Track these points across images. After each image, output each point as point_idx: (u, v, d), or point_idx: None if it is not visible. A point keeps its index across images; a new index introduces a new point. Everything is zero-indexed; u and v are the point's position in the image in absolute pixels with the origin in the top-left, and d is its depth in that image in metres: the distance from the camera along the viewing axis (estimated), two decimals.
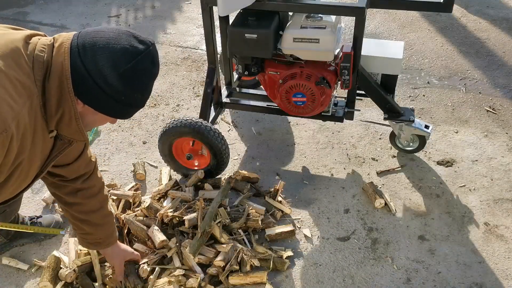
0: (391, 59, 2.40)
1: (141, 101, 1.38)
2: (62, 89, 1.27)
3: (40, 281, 2.03)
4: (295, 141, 2.90)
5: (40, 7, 4.69)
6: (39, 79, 1.26)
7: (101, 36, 1.27)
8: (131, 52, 1.28)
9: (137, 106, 1.39)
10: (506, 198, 2.47)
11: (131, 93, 1.33)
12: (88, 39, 1.27)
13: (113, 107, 1.34)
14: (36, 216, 2.32)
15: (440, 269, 2.15)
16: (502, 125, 2.96)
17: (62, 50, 1.27)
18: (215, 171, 2.52)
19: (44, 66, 1.26)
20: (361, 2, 2.17)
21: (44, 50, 1.27)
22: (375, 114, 3.05)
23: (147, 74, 1.34)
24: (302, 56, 2.34)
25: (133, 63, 1.28)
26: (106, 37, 1.27)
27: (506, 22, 4.05)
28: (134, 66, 1.28)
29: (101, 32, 1.29)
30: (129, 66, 1.27)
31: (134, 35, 1.31)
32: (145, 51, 1.30)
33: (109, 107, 1.34)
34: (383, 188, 2.54)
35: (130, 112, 1.40)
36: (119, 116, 1.39)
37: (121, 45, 1.27)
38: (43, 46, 1.28)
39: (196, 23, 4.25)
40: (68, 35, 1.31)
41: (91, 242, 1.91)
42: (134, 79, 1.30)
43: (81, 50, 1.26)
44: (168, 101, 3.27)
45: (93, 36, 1.28)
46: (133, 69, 1.28)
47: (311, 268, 2.17)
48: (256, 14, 2.30)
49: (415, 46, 3.79)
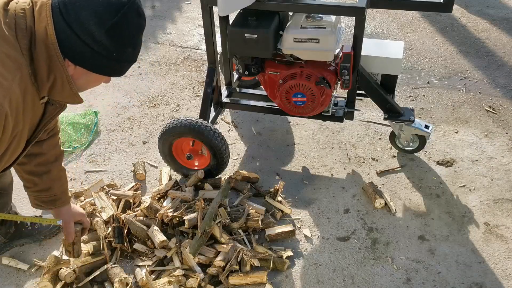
0: (391, 59, 2.40)
1: (132, 55, 1.35)
2: (50, 55, 1.24)
3: (40, 281, 2.03)
4: (295, 141, 2.90)
5: None
6: (25, 47, 1.23)
7: None
8: (115, 4, 1.23)
9: (130, 61, 1.36)
10: (506, 198, 2.47)
11: (121, 48, 1.29)
12: None
13: (105, 64, 1.31)
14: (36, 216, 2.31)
15: (440, 269, 2.15)
16: (502, 125, 2.96)
17: (43, 14, 1.23)
18: (215, 171, 2.52)
19: (28, 33, 1.23)
20: (361, 2, 2.17)
21: (24, 15, 1.23)
22: (375, 114, 3.05)
23: (134, 27, 1.29)
24: (302, 56, 2.34)
25: (118, 17, 1.23)
26: None
27: (506, 22, 4.05)
28: (120, 19, 1.23)
29: None
30: (115, 20, 1.23)
31: None
32: (128, 2, 1.25)
33: (101, 65, 1.31)
34: (383, 188, 2.54)
35: (123, 68, 1.37)
36: (112, 73, 1.37)
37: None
38: (22, 11, 1.24)
39: (196, 23, 4.25)
40: None
41: (46, 200, 1.81)
42: (123, 33, 1.27)
43: (62, 9, 1.22)
44: (168, 101, 3.27)
45: None
46: (120, 23, 1.24)
47: (311, 268, 2.17)
48: (256, 14, 2.30)
49: (415, 46, 3.79)
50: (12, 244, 2.25)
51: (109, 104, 3.24)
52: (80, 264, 2.08)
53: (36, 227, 2.27)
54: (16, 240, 2.25)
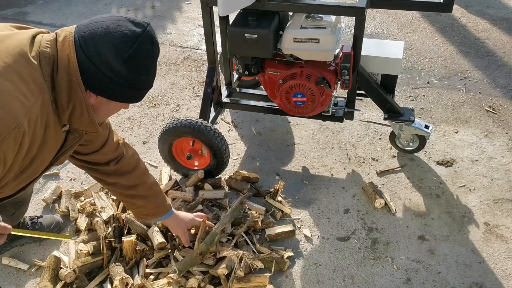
0: (391, 59, 2.40)
1: (148, 82, 1.42)
2: (71, 82, 1.30)
3: (40, 281, 2.03)
4: (295, 141, 2.90)
5: (40, 7, 4.70)
6: (48, 74, 1.29)
7: (98, 26, 1.30)
8: (130, 36, 1.30)
9: (146, 88, 1.43)
10: (506, 198, 2.47)
11: (138, 77, 1.36)
12: (87, 32, 1.30)
13: (125, 93, 1.38)
14: (36, 216, 2.32)
15: (440, 269, 2.15)
16: (502, 125, 2.96)
17: (66, 44, 1.29)
18: (215, 171, 2.52)
19: (50, 61, 1.29)
20: (361, 2, 2.17)
21: (49, 45, 1.30)
22: (375, 114, 3.05)
23: (149, 56, 1.37)
24: (302, 56, 2.34)
25: (134, 48, 1.30)
26: (104, 26, 1.30)
27: (506, 22, 4.05)
28: (136, 50, 1.31)
29: (98, 23, 1.31)
30: (132, 51, 1.30)
31: (129, 19, 1.34)
32: (143, 33, 1.33)
33: (121, 94, 1.38)
34: (383, 188, 2.54)
35: (141, 94, 1.44)
36: (131, 100, 1.44)
37: (119, 32, 1.29)
38: (47, 42, 1.30)
39: (196, 23, 4.25)
40: (70, 29, 1.33)
41: (146, 213, 1.99)
42: (138, 63, 1.34)
43: (82, 44, 1.29)
44: (168, 101, 3.28)
45: (91, 28, 1.30)
46: (135, 53, 1.31)
47: (311, 268, 2.17)
48: (256, 14, 2.30)
49: (415, 46, 3.79)
50: (12, 244, 2.25)
51: None
52: (80, 264, 2.08)
53: (36, 227, 2.27)
54: (16, 240, 2.25)
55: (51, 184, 2.60)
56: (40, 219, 2.31)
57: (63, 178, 2.67)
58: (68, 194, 2.50)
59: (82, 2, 4.74)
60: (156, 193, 1.98)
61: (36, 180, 1.57)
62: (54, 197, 2.51)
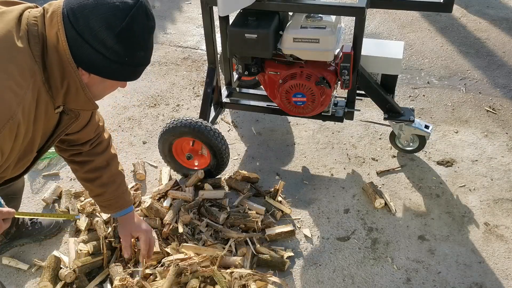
0: (391, 59, 2.40)
1: (144, 58, 1.34)
2: (62, 61, 1.24)
3: (40, 281, 2.03)
4: (295, 141, 2.90)
5: None
6: (38, 54, 1.23)
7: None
8: (122, 8, 1.21)
9: (143, 64, 1.35)
10: (506, 198, 2.47)
11: (133, 52, 1.28)
12: (75, 5, 1.22)
13: (119, 70, 1.30)
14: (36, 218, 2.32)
15: (440, 269, 2.15)
16: (502, 125, 2.96)
17: (55, 20, 1.22)
18: (215, 171, 2.52)
19: (40, 40, 1.23)
20: (361, 2, 2.17)
21: (36, 23, 1.23)
22: (375, 114, 3.05)
23: (144, 29, 1.28)
24: (302, 56, 2.34)
25: (127, 20, 1.22)
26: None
27: (506, 22, 4.05)
28: (128, 23, 1.22)
29: None
30: (124, 24, 1.21)
31: None
32: (135, 4, 1.24)
33: (115, 72, 1.30)
34: (383, 188, 2.54)
35: (137, 72, 1.36)
36: (127, 78, 1.36)
37: (110, 3, 1.21)
38: (34, 19, 1.24)
39: (196, 23, 4.25)
40: (58, 3, 1.25)
41: (103, 204, 1.85)
42: (133, 37, 1.25)
43: (71, 18, 1.21)
44: (168, 101, 3.28)
45: (81, 0, 1.22)
46: (129, 26, 1.22)
47: (311, 268, 2.17)
48: (256, 14, 2.30)
49: (415, 46, 3.79)
50: (12, 244, 2.25)
51: (109, 104, 3.24)
52: (80, 264, 2.08)
53: (36, 227, 2.27)
54: (16, 240, 2.25)
55: (51, 184, 2.60)
56: (40, 218, 2.31)
57: (63, 178, 2.67)
58: (68, 194, 2.50)
59: None
60: (117, 184, 1.83)
61: (34, 164, 1.52)
62: (54, 197, 2.51)
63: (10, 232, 2.21)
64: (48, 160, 2.76)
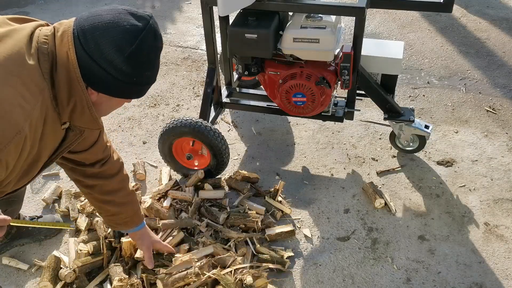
0: (391, 59, 2.40)
1: (151, 77, 1.38)
2: (71, 79, 1.26)
3: (40, 281, 2.03)
4: (295, 141, 2.90)
5: (40, 7, 4.70)
6: (47, 71, 1.25)
7: (99, 20, 1.25)
8: (132, 31, 1.25)
9: (149, 83, 1.39)
10: (506, 198, 2.47)
11: (141, 73, 1.32)
12: (87, 26, 1.25)
13: (127, 89, 1.34)
14: (36, 216, 2.32)
15: (440, 269, 2.15)
16: (502, 125, 2.96)
17: (65, 40, 1.25)
18: (215, 171, 2.52)
19: (49, 58, 1.25)
20: (361, 2, 2.17)
21: (47, 41, 1.26)
22: (375, 114, 3.05)
23: (152, 51, 1.32)
24: (302, 56, 2.34)
25: (137, 43, 1.26)
26: (105, 20, 1.25)
27: (506, 22, 4.05)
28: (138, 46, 1.26)
29: (98, 16, 1.26)
30: (134, 47, 1.25)
31: (131, 12, 1.28)
32: (145, 27, 1.27)
33: (123, 91, 1.34)
34: (383, 188, 2.54)
35: (143, 90, 1.40)
36: (134, 96, 1.40)
37: (121, 27, 1.24)
38: (45, 38, 1.27)
39: (196, 23, 4.25)
40: (68, 23, 1.29)
41: (119, 222, 1.92)
42: (141, 59, 1.29)
43: (82, 39, 1.24)
44: (168, 101, 3.28)
45: (91, 22, 1.25)
46: (138, 49, 1.26)
47: (311, 268, 2.17)
48: (256, 14, 2.30)
49: (415, 46, 3.79)
50: (12, 244, 2.25)
51: None
52: (80, 264, 2.07)
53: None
54: (16, 240, 2.25)
55: (51, 184, 2.60)
56: (40, 219, 2.31)
57: (63, 178, 2.67)
58: (68, 194, 2.50)
59: (82, 2, 4.74)
60: (133, 202, 1.91)
61: (35, 178, 1.55)
62: (54, 197, 2.51)
63: (10, 232, 2.21)
64: None
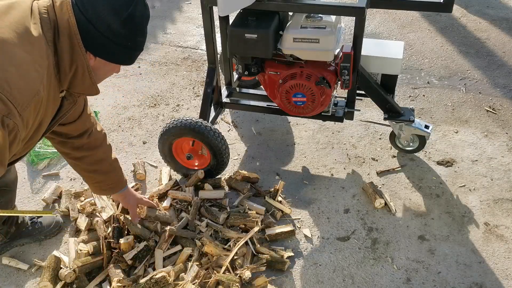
0: (391, 59, 2.40)
1: (142, 43, 1.49)
2: (73, 45, 1.35)
3: (40, 281, 2.03)
4: (295, 141, 2.90)
5: None
6: (50, 39, 1.34)
7: None
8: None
9: (140, 49, 1.50)
10: (506, 198, 2.47)
11: (134, 37, 1.42)
12: None
13: (122, 53, 1.44)
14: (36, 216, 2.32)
15: (440, 269, 2.15)
16: (502, 125, 2.96)
17: (65, 8, 1.34)
18: (215, 171, 2.52)
19: (51, 26, 1.34)
20: (361, 2, 2.17)
21: (46, 11, 1.35)
22: (375, 114, 3.05)
23: (144, 17, 1.44)
24: (302, 56, 2.34)
25: (131, 8, 1.36)
26: None
27: (506, 22, 4.05)
28: (132, 11, 1.37)
29: None
30: (129, 12, 1.36)
31: None
32: None
33: (119, 55, 1.44)
34: (383, 188, 2.54)
35: (135, 56, 1.50)
36: (126, 62, 1.49)
37: None
38: (44, 8, 1.35)
39: (196, 23, 4.25)
40: None
41: (105, 188, 2.08)
42: (135, 23, 1.40)
43: (80, 6, 1.34)
44: (168, 101, 3.28)
45: None
46: (133, 14, 1.37)
47: (311, 268, 2.17)
48: (256, 14, 2.30)
49: (415, 46, 3.79)
50: (12, 244, 2.25)
51: (109, 104, 3.24)
52: (80, 264, 2.07)
53: (36, 226, 2.27)
54: (16, 240, 2.25)
55: (51, 184, 2.60)
56: (40, 219, 2.31)
57: (63, 178, 2.67)
58: (68, 194, 2.49)
59: None
60: (117, 169, 2.06)
61: (29, 151, 1.61)
62: (54, 197, 2.51)
63: (10, 231, 2.21)
64: (48, 160, 2.76)
